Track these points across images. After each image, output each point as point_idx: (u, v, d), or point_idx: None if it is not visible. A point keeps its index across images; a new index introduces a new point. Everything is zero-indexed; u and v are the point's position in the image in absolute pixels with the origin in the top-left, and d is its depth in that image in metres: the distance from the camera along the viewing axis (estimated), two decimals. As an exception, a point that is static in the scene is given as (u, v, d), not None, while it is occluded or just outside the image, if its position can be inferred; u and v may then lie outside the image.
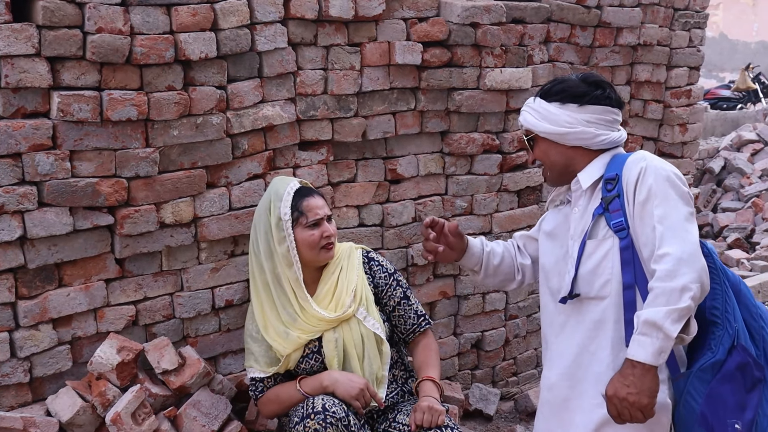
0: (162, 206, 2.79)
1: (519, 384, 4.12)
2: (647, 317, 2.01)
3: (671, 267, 2.02)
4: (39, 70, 2.47)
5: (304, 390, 2.67)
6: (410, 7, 3.31)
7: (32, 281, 2.61)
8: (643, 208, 2.14)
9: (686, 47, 4.37)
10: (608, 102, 2.30)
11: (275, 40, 2.95)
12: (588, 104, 2.27)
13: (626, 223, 2.19)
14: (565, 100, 2.29)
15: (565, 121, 2.28)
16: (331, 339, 2.71)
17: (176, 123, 2.75)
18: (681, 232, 2.08)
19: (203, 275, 2.98)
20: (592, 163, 2.32)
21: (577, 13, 3.82)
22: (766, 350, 2.18)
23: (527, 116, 2.37)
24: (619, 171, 2.23)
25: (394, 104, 3.37)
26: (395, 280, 2.89)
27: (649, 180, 2.15)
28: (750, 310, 2.22)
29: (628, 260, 2.19)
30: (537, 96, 2.37)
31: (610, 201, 2.22)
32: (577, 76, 2.35)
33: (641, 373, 2.04)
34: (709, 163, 10.22)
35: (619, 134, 2.34)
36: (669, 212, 2.10)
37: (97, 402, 2.62)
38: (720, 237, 8.54)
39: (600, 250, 2.25)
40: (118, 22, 2.56)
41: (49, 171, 2.54)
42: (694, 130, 4.50)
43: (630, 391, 2.05)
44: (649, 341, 2.01)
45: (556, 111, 2.29)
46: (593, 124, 2.28)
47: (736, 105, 15.86)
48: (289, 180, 2.79)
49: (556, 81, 2.36)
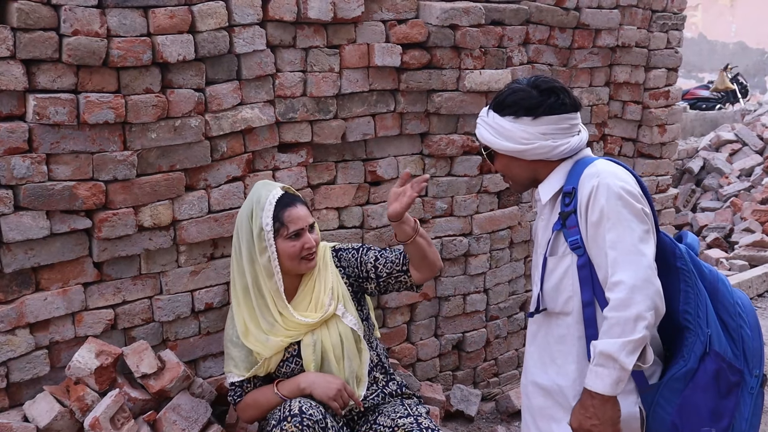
0: (140, 209, 2.78)
1: (500, 385, 4.13)
2: (602, 349, 2.00)
3: (624, 296, 1.99)
4: (14, 72, 2.45)
5: (281, 393, 2.67)
6: (389, 9, 3.31)
7: (9, 286, 2.59)
8: (596, 231, 2.09)
9: (664, 49, 4.40)
10: (563, 109, 2.20)
11: (254, 42, 2.94)
12: (543, 116, 2.18)
13: (581, 241, 2.15)
14: (519, 113, 2.20)
15: (521, 138, 2.20)
16: (309, 343, 2.71)
17: (154, 126, 2.74)
18: (634, 256, 2.03)
19: (182, 278, 2.96)
20: (553, 174, 2.25)
21: (555, 14, 3.83)
22: (746, 351, 2.15)
23: (483, 132, 2.29)
24: (576, 184, 2.17)
25: (373, 106, 3.37)
26: (363, 248, 2.86)
27: (601, 200, 2.08)
28: (728, 309, 2.17)
29: (586, 278, 2.16)
30: (490, 108, 2.28)
31: (566, 217, 2.17)
32: (529, 83, 2.24)
33: (600, 404, 2.04)
34: (689, 163, 10.30)
35: (579, 138, 2.25)
36: (622, 235, 2.05)
37: (76, 407, 2.60)
38: (699, 236, 8.61)
39: (560, 267, 2.22)
40: (94, 25, 2.54)
41: (26, 174, 2.52)
42: (672, 131, 4.53)
43: (593, 423, 2.05)
44: (606, 372, 2.00)
45: (511, 126, 2.21)
46: (550, 136, 2.19)
47: (715, 105, 16.00)
48: (272, 186, 2.76)
49: (508, 91, 2.25)
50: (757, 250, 7.18)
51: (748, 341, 2.15)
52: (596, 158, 2.25)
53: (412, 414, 2.73)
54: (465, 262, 3.81)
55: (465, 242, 3.77)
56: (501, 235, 3.91)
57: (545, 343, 2.32)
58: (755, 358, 2.16)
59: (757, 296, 6.08)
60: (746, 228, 8.05)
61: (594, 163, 2.19)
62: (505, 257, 3.97)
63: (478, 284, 3.88)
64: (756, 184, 9.22)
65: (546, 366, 2.31)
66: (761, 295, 6.11)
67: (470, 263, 3.82)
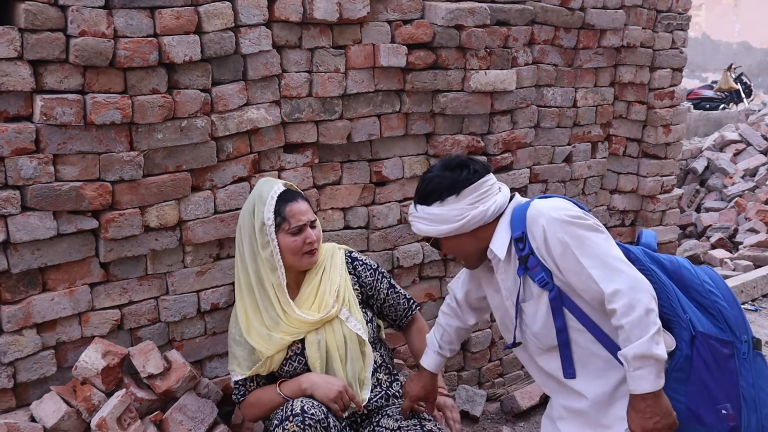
0: (147, 210, 2.78)
1: (505, 385, 4.14)
2: (635, 353, 2.09)
3: (627, 300, 2.10)
4: (21, 73, 2.46)
5: (284, 393, 2.68)
6: (395, 9, 3.32)
7: (16, 286, 2.59)
8: (567, 261, 2.20)
9: (669, 49, 4.40)
10: (476, 176, 2.35)
11: (260, 42, 2.95)
12: (462, 189, 2.33)
13: (548, 276, 2.26)
14: (442, 196, 2.34)
15: (454, 216, 2.33)
16: (313, 341, 2.72)
17: (161, 126, 2.74)
18: (613, 264, 2.16)
19: (189, 279, 2.97)
20: (497, 231, 2.37)
21: (561, 15, 3.83)
22: (728, 322, 2.25)
23: (420, 226, 2.41)
24: (523, 227, 2.29)
25: (379, 106, 3.37)
26: (380, 273, 2.93)
27: (558, 234, 2.20)
28: (697, 289, 2.29)
29: (557, 308, 2.28)
30: (416, 204, 2.42)
31: (526, 260, 2.29)
32: (438, 168, 2.40)
33: (654, 401, 2.12)
34: (693, 163, 10.29)
35: (503, 195, 2.40)
36: (592, 253, 2.17)
37: (82, 407, 2.61)
38: (703, 237, 8.60)
39: (541, 307, 2.32)
40: (101, 25, 2.54)
41: (33, 175, 2.53)
42: (677, 131, 4.53)
43: (655, 420, 2.13)
44: (647, 371, 2.10)
45: (441, 211, 2.34)
46: (479, 203, 2.33)
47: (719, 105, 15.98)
48: (274, 183, 2.78)
49: (426, 183, 2.40)
50: (762, 250, 7.18)
51: (727, 312, 2.26)
52: (528, 201, 2.37)
53: (416, 416, 2.74)
54: (470, 262, 3.81)
55: (470, 242, 3.77)
56: (506, 235, 3.90)
57: (539, 372, 2.47)
58: (739, 326, 2.27)
59: (761, 296, 6.07)
60: (750, 228, 8.05)
61: (531, 204, 2.32)
62: (510, 257, 3.97)
63: (483, 284, 3.88)
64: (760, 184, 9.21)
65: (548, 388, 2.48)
66: (766, 296, 6.10)
67: (475, 263, 3.81)
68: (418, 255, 3.62)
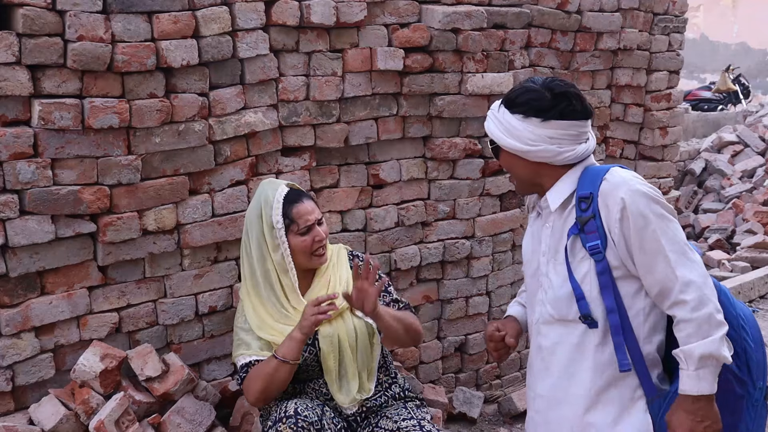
0: (144, 213, 2.79)
1: (503, 387, 4.14)
2: (703, 351, 1.97)
3: (700, 294, 2.00)
4: (19, 78, 2.47)
5: (278, 355, 2.60)
6: (392, 13, 3.33)
7: (14, 289, 2.60)
8: (644, 237, 2.05)
9: (666, 51, 4.41)
10: (573, 115, 2.15)
11: (257, 46, 2.96)
12: (552, 119, 2.13)
13: (602, 245, 2.10)
14: (528, 113, 2.15)
15: (527, 138, 2.15)
16: (327, 335, 2.71)
17: (158, 130, 2.75)
18: (690, 254, 2.05)
19: (186, 282, 2.98)
20: (561, 181, 2.21)
21: (557, 18, 3.85)
22: (749, 363, 2.13)
23: (491, 126, 2.25)
24: (594, 189, 2.13)
25: (376, 110, 3.38)
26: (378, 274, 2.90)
27: (641, 207, 2.06)
28: (731, 321, 2.11)
29: (606, 284, 2.12)
30: (501, 103, 2.24)
31: (585, 222, 2.12)
32: (543, 84, 2.19)
33: (708, 404, 2.02)
34: (691, 164, 10.31)
35: (585, 147, 2.20)
36: (673, 237, 2.05)
37: (81, 410, 2.62)
38: (701, 238, 8.62)
39: (578, 272, 2.16)
40: (99, 30, 2.55)
41: (31, 179, 2.54)
42: (674, 133, 4.54)
43: (706, 424, 2.02)
44: (708, 372, 1.99)
45: (519, 125, 2.16)
46: (557, 141, 2.15)
47: (717, 106, 16.01)
48: (277, 184, 2.78)
49: (521, 90, 2.21)
50: (759, 251, 7.19)
51: (752, 353, 2.14)
52: (606, 166, 2.21)
53: (414, 417, 2.74)
54: (467, 264, 3.83)
55: (467, 245, 3.79)
56: (503, 237, 3.92)
57: (555, 354, 2.25)
58: (759, 371, 2.15)
59: (759, 298, 6.08)
60: (748, 230, 8.06)
61: (611, 171, 2.16)
62: (508, 260, 3.98)
63: (480, 287, 3.89)
64: (758, 186, 9.23)
65: (558, 378, 2.25)
66: (763, 297, 6.12)
67: (473, 266, 3.83)
68: (415, 257, 3.63)
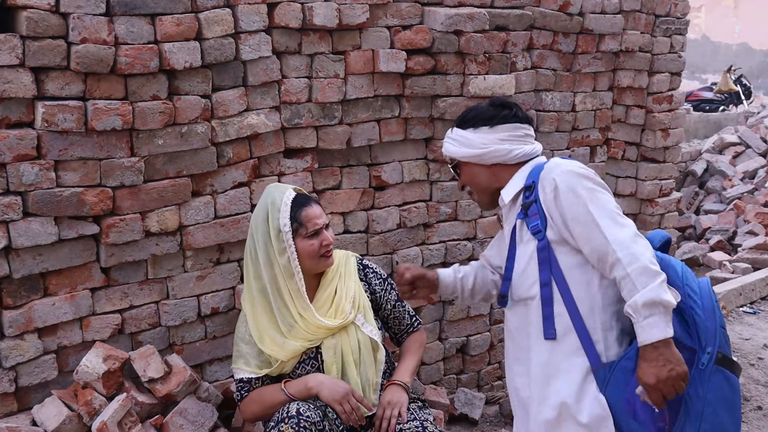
0: (147, 215, 2.80)
1: (504, 388, 4.14)
2: (646, 299, 2.08)
3: (632, 250, 2.13)
4: (23, 80, 2.48)
5: (288, 392, 2.67)
6: (394, 15, 3.33)
7: (17, 291, 2.61)
8: (576, 210, 2.24)
9: (667, 53, 4.41)
10: (516, 119, 2.47)
11: (259, 48, 2.97)
12: (498, 124, 2.45)
13: (542, 225, 2.32)
14: (477, 124, 2.47)
15: (480, 143, 2.46)
16: (330, 346, 2.72)
17: (161, 132, 2.76)
18: (619, 218, 2.21)
19: (189, 283, 2.98)
20: (513, 178, 2.47)
21: (559, 20, 3.85)
22: (698, 331, 2.21)
23: (448, 146, 2.54)
24: (536, 178, 2.37)
25: (378, 111, 3.39)
26: (389, 284, 2.95)
27: (571, 183, 2.25)
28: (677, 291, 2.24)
29: (544, 259, 2.33)
30: (454, 126, 2.55)
31: (528, 206, 2.37)
32: (486, 102, 2.55)
33: (666, 348, 2.09)
34: (692, 165, 10.32)
35: (532, 147, 2.49)
36: (602, 204, 2.22)
37: (83, 411, 2.63)
38: (702, 239, 8.62)
39: (525, 254, 2.39)
40: (102, 33, 2.56)
41: (34, 181, 2.54)
42: (675, 135, 4.55)
43: (669, 368, 2.09)
44: (657, 318, 2.08)
45: (471, 136, 2.47)
46: (506, 141, 2.45)
47: (719, 107, 16.02)
48: (284, 188, 2.78)
49: (468, 110, 2.55)
50: (761, 252, 7.19)
51: (700, 322, 2.21)
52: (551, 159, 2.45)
53: (417, 418, 2.75)
54: (469, 266, 3.83)
55: (469, 246, 3.79)
56: (505, 239, 3.92)
57: (520, 333, 2.44)
58: (708, 337, 2.21)
59: (760, 299, 6.08)
60: (749, 231, 8.07)
61: (550, 160, 2.41)
62: (509, 261, 3.98)
63: (482, 288, 3.89)
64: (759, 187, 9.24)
65: (525, 357, 2.41)
66: (764, 298, 6.11)
67: (474, 267, 3.83)
68: (417, 259, 3.64)
